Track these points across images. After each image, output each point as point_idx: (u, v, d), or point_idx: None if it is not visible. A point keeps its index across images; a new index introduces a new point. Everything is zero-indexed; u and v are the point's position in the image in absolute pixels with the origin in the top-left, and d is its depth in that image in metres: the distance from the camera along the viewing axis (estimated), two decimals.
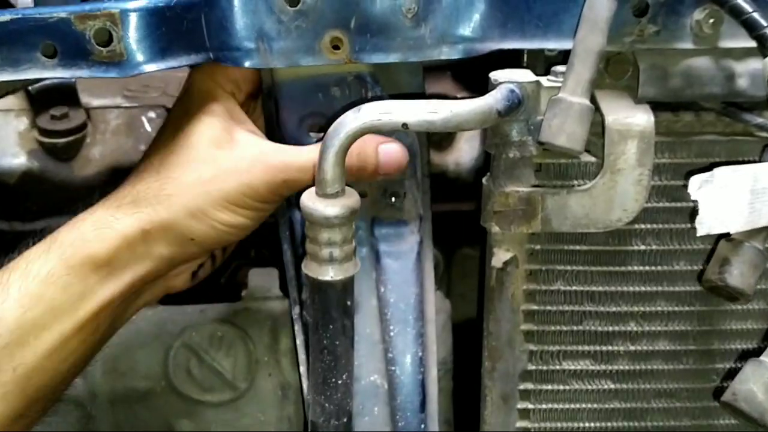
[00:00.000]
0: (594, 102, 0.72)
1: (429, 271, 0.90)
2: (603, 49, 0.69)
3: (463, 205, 1.09)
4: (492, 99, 0.68)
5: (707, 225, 0.70)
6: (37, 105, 1.02)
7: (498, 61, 0.77)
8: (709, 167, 0.70)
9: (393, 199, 0.85)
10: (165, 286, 0.80)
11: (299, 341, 0.90)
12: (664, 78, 0.74)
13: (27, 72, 0.71)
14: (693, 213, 0.70)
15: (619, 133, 0.72)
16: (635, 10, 0.72)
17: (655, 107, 0.74)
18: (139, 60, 0.71)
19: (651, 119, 0.73)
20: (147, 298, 0.79)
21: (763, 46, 0.64)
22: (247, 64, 0.73)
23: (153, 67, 0.71)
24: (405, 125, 0.66)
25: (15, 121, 1.01)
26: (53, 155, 1.01)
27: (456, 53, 0.73)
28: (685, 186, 0.71)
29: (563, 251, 0.78)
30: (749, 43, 0.67)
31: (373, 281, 0.85)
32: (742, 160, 0.75)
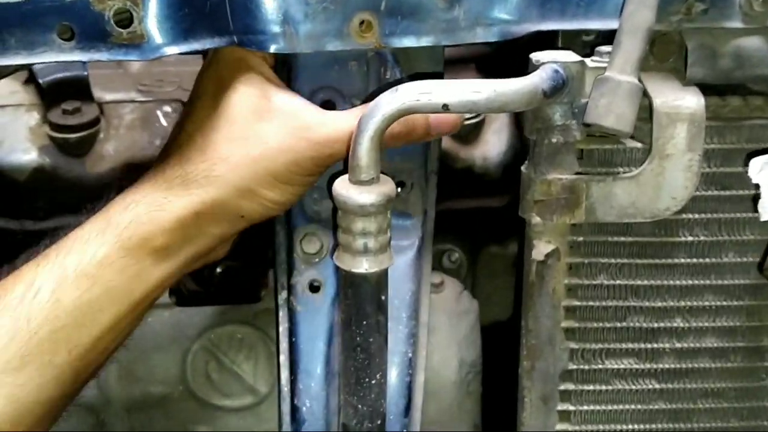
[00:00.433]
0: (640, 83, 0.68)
1: (426, 272, 0.87)
2: (652, 26, 0.66)
3: (491, 201, 1.06)
4: (537, 78, 0.65)
5: None
6: (49, 99, 1.00)
7: (526, 49, 0.74)
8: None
9: (399, 189, 0.81)
10: (208, 257, 0.79)
11: (282, 329, 0.87)
12: (713, 58, 0.71)
13: (42, 55, 0.67)
14: (755, 198, 0.67)
15: (668, 117, 0.69)
16: None
17: (702, 92, 0.71)
18: (160, 42, 0.68)
19: (701, 102, 0.69)
20: (191, 269, 0.78)
21: None
22: (273, 48, 0.70)
23: (175, 50, 0.68)
24: (446, 106, 0.62)
25: (26, 116, 0.99)
26: (65, 151, 0.99)
27: (491, 36, 0.70)
28: (742, 172, 0.67)
29: (607, 243, 0.75)
30: None
31: None
32: None
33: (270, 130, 0.70)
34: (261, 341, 0.97)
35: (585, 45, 0.75)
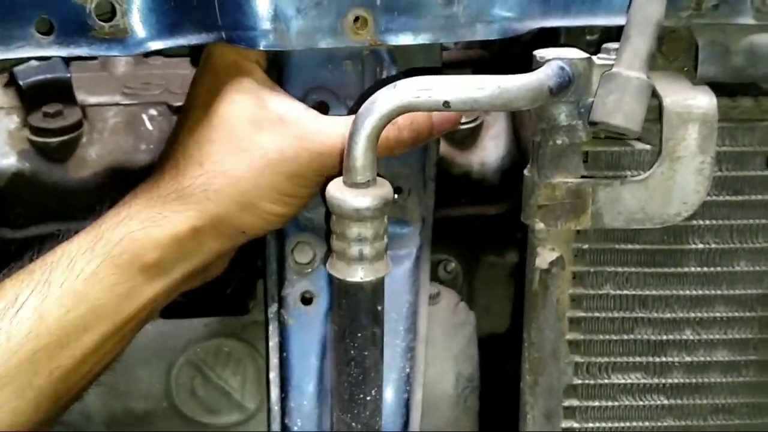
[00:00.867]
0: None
1: (424, 282, 0.83)
2: (662, 20, 0.63)
3: (489, 209, 1.03)
4: (543, 75, 0.61)
5: None
6: (29, 102, 0.96)
7: (525, 52, 0.71)
8: None
9: (396, 196, 0.77)
10: (205, 275, 0.76)
11: (272, 343, 0.83)
12: (725, 56, 0.68)
13: (19, 50, 0.64)
14: None
15: (679, 117, 0.66)
16: None
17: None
18: (144, 36, 0.65)
19: (713, 101, 0.67)
20: (186, 287, 0.75)
21: None
22: (263, 45, 0.67)
23: (159, 45, 0.66)
24: (447, 104, 0.59)
25: (5, 120, 0.95)
26: (46, 156, 0.95)
27: (492, 33, 0.67)
28: (756, 176, 0.64)
29: (613, 251, 0.72)
30: None
31: None
32: None
33: (270, 140, 0.67)
34: (249, 355, 0.93)
35: (589, 44, 0.72)
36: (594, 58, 0.66)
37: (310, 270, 0.82)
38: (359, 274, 0.62)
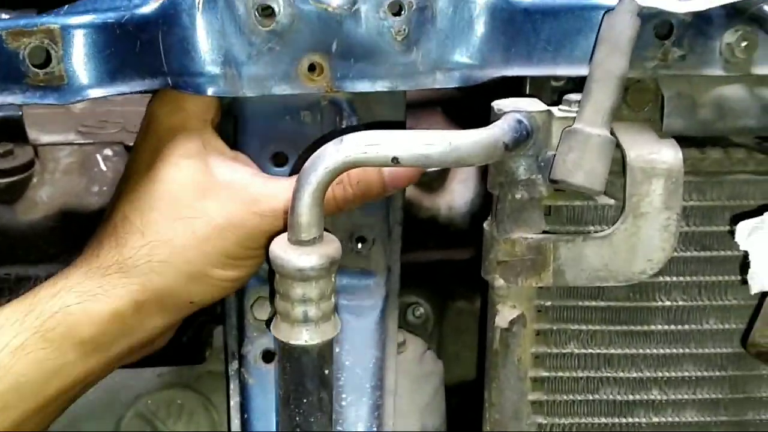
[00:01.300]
0: (612, 136, 0.63)
1: (392, 332, 0.80)
2: (625, 73, 0.61)
3: (457, 254, 1.00)
4: (498, 130, 0.58)
5: (761, 280, 0.61)
6: None
7: (494, 94, 0.69)
8: (759, 210, 0.61)
9: (359, 245, 0.76)
10: (149, 348, 0.72)
11: (233, 403, 0.79)
12: (692, 108, 0.66)
13: None
14: (743, 266, 0.61)
15: (643, 172, 0.64)
16: (658, 31, 0.63)
17: (679, 143, 0.66)
18: (83, 83, 0.62)
19: (679, 155, 0.64)
20: (129, 361, 0.70)
21: None
22: (211, 91, 0.65)
23: (99, 93, 0.62)
24: (396, 160, 0.56)
25: None
26: None
27: (452, 81, 0.66)
28: (724, 231, 0.61)
29: (577, 308, 0.70)
30: None
31: None
32: None
33: (216, 206, 0.64)
34: (203, 407, 0.89)
35: (554, 90, 0.70)
36: (554, 110, 0.64)
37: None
38: (304, 336, 0.59)
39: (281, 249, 0.58)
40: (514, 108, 0.62)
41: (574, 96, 0.64)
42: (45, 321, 0.62)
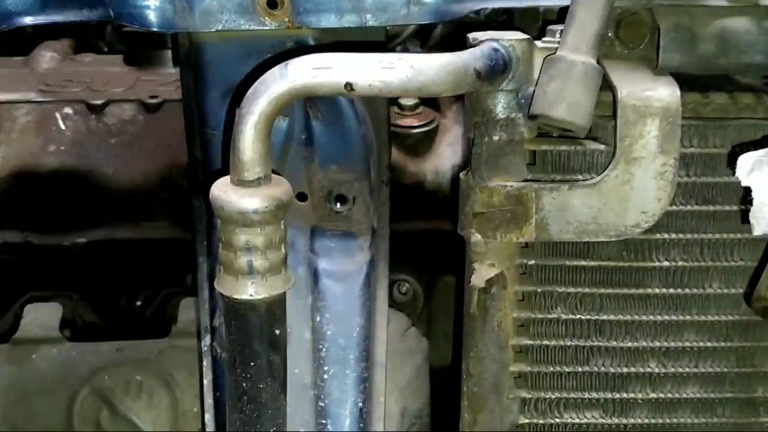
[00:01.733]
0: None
1: (382, 301, 0.76)
2: None
3: (445, 224, 0.94)
4: (469, 54, 0.53)
5: (765, 220, 0.54)
6: None
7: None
8: (762, 142, 0.55)
9: (338, 205, 0.73)
10: None
11: (206, 381, 0.77)
12: (691, 42, 0.62)
13: None
14: (744, 202, 0.54)
15: (636, 110, 0.59)
16: None
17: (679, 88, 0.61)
18: (12, 11, 0.60)
19: (676, 93, 0.60)
20: None
21: None
22: (158, 25, 0.61)
23: (29, 20, 0.61)
24: (350, 86, 0.50)
25: None
26: None
27: (428, 16, 0.62)
28: (729, 182, 0.55)
29: (564, 268, 0.65)
30: None
31: (308, 308, 0.73)
32: None
33: None
34: (164, 385, 0.87)
35: (546, 25, 0.63)
36: (538, 43, 0.58)
37: None
38: (249, 290, 0.53)
39: (222, 190, 0.52)
40: (492, 38, 0.56)
41: (558, 26, 0.59)
42: None
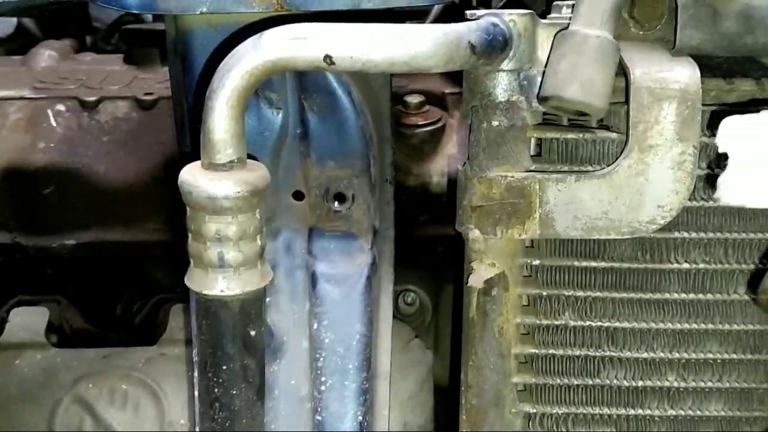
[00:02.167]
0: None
1: (386, 307, 0.72)
2: None
3: (453, 229, 0.89)
4: (463, 26, 0.48)
5: (731, 191, 0.51)
6: None
7: None
8: (746, 105, 0.53)
9: (337, 204, 0.69)
10: None
11: (196, 391, 0.69)
12: (712, 19, 0.57)
13: None
14: (716, 167, 0.51)
15: (651, 93, 0.54)
16: None
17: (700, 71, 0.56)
18: None
19: (696, 74, 0.55)
20: None
21: None
22: (136, 6, 0.59)
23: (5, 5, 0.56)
24: (329, 59, 0.45)
25: None
26: None
27: None
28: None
29: (573, 269, 0.61)
30: None
31: (305, 314, 0.69)
32: None
33: None
34: (150, 394, 0.82)
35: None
36: (542, 20, 0.54)
37: None
38: (220, 285, 0.48)
39: (191, 174, 0.47)
40: (491, 12, 0.51)
41: (566, 1, 0.54)
42: None
